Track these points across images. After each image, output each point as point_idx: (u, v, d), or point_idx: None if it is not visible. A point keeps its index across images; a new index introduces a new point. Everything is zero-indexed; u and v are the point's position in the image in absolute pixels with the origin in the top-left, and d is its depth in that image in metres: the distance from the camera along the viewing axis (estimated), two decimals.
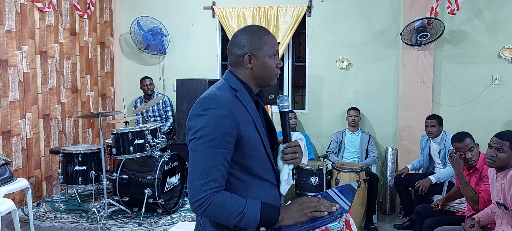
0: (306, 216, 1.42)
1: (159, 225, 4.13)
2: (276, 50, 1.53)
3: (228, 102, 1.40)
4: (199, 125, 1.38)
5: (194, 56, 5.80)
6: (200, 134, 1.37)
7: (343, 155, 4.85)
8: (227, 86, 1.49)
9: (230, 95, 1.45)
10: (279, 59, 1.57)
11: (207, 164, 1.35)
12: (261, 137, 1.49)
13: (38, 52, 4.78)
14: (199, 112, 1.39)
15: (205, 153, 1.36)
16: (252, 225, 1.38)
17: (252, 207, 1.38)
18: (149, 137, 4.36)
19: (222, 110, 1.38)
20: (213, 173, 1.35)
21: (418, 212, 3.55)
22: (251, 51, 1.50)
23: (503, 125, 4.76)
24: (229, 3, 5.50)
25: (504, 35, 4.72)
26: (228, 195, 1.38)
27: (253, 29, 1.54)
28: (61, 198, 4.94)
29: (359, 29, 5.19)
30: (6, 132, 4.35)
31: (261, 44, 1.51)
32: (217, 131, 1.36)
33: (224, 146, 1.37)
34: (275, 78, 1.56)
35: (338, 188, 1.59)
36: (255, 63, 1.51)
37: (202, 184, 1.34)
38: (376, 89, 5.20)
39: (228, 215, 1.36)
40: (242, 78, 1.53)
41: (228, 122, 1.37)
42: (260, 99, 1.62)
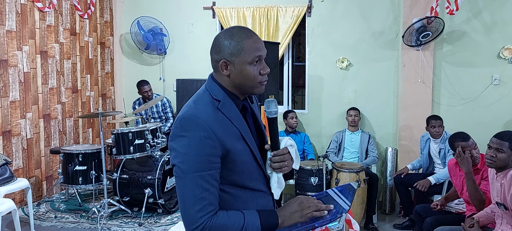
0: (306, 217, 1.40)
1: (159, 225, 4.14)
2: (257, 55, 1.38)
3: (207, 121, 1.32)
4: (180, 149, 1.32)
5: (194, 56, 5.80)
6: (183, 159, 1.31)
7: (343, 155, 4.85)
8: (209, 98, 1.40)
9: (210, 110, 1.36)
10: (264, 65, 1.41)
11: (198, 189, 1.30)
12: (250, 147, 1.42)
13: (39, 52, 4.78)
14: (178, 133, 1.33)
15: (193, 179, 1.30)
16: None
17: (252, 219, 1.36)
18: (149, 136, 4.36)
19: (201, 131, 1.30)
20: (207, 197, 1.30)
21: (417, 212, 3.55)
22: (227, 57, 1.37)
23: (503, 125, 4.76)
24: (229, 3, 5.50)
25: (503, 35, 4.73)
26: (225, 214, 1.34)
27: (232, 32, 1.40)
28: (61, 198, 4.95)
29: (359, 29, 5.19)
30: (7, 131, 4.36)
31: (238, 49, 1.36)
32: (200, 154, 1.30)
33: (211, 167, 1.32)
34: (260, 86, 1.42)
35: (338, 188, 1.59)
36: (232, 71, 1.38)
37: (198, 211, 1.29)
38: (376, 89, 5.20)
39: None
40: (224, 86, 1.42)
41: (210, 142, 1.31)
42: (248, 103, 1.52)
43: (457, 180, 3.32)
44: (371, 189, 4.31)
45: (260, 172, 1.48)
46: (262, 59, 1.41)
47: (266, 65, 1.42)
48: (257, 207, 1.44)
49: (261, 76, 1.41)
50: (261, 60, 1.41)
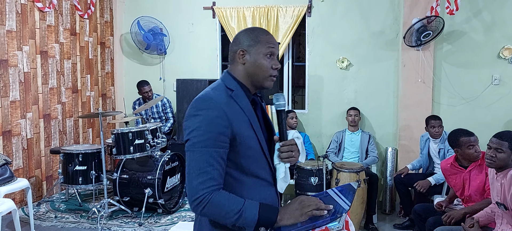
0: (306, 215, 1.43)
1: (159, 225, 4.14)
2: (271, 50, 1.52)
3: (221, 103, 1.42)
4: (193, 125, 1.40)
5: (194, 56, 5.80)
6: (194, 134, 1.39)
7: (343, 154, 4.85)
8: (223, 86, 1.50)
9: (224, 95, 1.46)
10: (276, 61, 1.55)
11: (203, 163, 1.37)
12: (257, 136, 1.49)
13: (39, 52, 4.78)
14: (193, 113, 1.42)
15: (201, 153, 1.38)
16: (250, 224, 1.39)
17: (251, 207, 1.39)
18: (149, 137, 4.36)
19: (214, 111, 1.40)
20: (210, 172, 1.37)
21: (416, 212, 3.55)
22: (244, 47, 1.53)
23: (503, 125, 4.77)
24: (229, 3, 5.51)
25: (503, 35, 4.73)
26: (226, 194, 1.39)
27: (252, 28, 1.57)
28: (61, 198, 4.95)
29: (359, 29, 5.19)
30: (7, 131, 4.36)
31: (255, 41, 1.52)
32: (211, 131, 1.38)
33: (219, 145, 1.39)
34: (270, 80, 1.54)
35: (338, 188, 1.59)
36: (247, 59, 1.52)
37: (200, 183, 1.36)
38: (376, 89, 5.20)
39: (226, 214, 1.37)
40: (237, 77, 1.54)
41: (221, 122, 1.39)
42: (258, 99, 1.62)
43: (456, 180, 3.30)
44: (371, 189, 4.31)
45: (266, 162, 1.53)
46: (274, 55, 1.54)
47: (277, 62, 1.56)
48: (260, 195, 1.49)
49: (272, 70, 1.53)
50: (273, 56, 1.54)
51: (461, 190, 3.27)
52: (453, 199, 3.47)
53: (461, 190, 3.27)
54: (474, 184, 3.15)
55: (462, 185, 3.25)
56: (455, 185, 3.32)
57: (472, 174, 3.19)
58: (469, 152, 3.15)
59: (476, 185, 3.14)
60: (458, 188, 3.29)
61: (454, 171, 3.31)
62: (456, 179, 3.30)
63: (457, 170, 3.28)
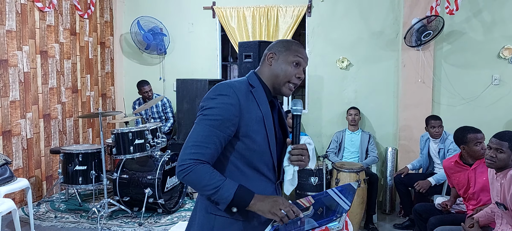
0: (271, 214, 1.46)
1: (159, 225, 4.14)
2: (299, 59, 1.61)
3: (238, 93, 1.51)
4: (207, 105, 1.51)
5: (194, 56, 5.80)
6: (206, 112, 1.50)
7: (343, 154, 4.85)
8: (246, 82, 1.60)
9: (244, 88, 1.56)
10: (301, 71, 1.63)
11: (202, 138, 1.47)
12: (267, 133, 1.56)
13: (39, 52, 4.78)
14: (211, 95, 1.52)
15: (203, 129, 1.48)
16: (224, 201, 1.48)
17: (229, 186, 1.47)
18: (149, 136, 4.36)
19: (231, 99, 1.49)
20: (204, 148, 1.47)
21: (417, 211, 3.55)
22: (275, 51, 1.64)
23: (503, 125, 4.77)
24: (229, 3, 5.51)
25: (503, 35, 4.73)
26: (210, 169, 1.48)
27: (289, 40, 1.71)
28: (61, 197, 4.95)
29: (359, 29, 5.19)
30: (7, 131, 4.36)
31: (285, 48, 1.63)
32: (221, 115, 1.48)
33: (223, 129, 1.48)
34: (288, 87, 1.62)
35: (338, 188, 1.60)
36: (274, 62, 1.62)
37: (191, 153, 1.46)
38: (376, 89, 5.20)
39: (204, 186, 1.47)
40: (261, 77, 1.64)
41: (233, 110, 1.49)
42: (277, 102, 1.71)
43: (460, 178, 3.28)
44: (371, 189, 4.31)
45: (270, 159, 1.59)
46: (300, 65, 1.63)
47: (302, 72, 1.65)
48: (258, 188, 1.55)
49: (294, 78, 1.62)
50: (299, 66, 1.63)
51: (465, 188, 3.26)
52: (456, 198, 3.47)
53: (465, 188, 3.26)
54: (480, 181, 3.14)
55: (466, 183, 3.24)
56: (459, 183, 3.30)
57: (477, 172, 3.18)
58: (475, 149, 3.15)
59: (482, 182, 3.13)
60: (462, 186, 3.27)
61: (458, 169, 3.29)
62: (460, 177, 3.28)
63: (461, 167, 3.27)
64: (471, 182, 3.20)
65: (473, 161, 3.21)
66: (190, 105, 5.18)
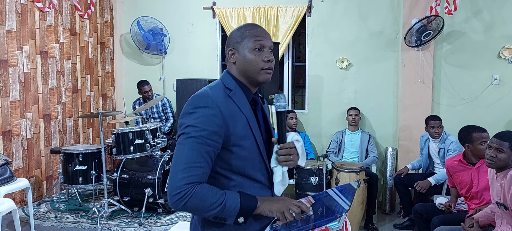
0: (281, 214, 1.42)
1: (159, 225, 4.14)
2: (259, 43, 1.48)
3: (217, 102, 1.41)
4: (187, 121, 1.39)
5: (194, 56, 5.80)
6: (188, 130, 1.38)
7: (343, 154, 4.86)
8: (222, 86, 1.50)
9: (222, 94, 1.45)
10: (267, 53, 1.50)
11: (191, 159, 1.36)
12: (255, 136, 1.48)
13: (39, 52, 4.78)
14: (189, 110, 1.41)
15: (191, 148, 1.36)
16: (232, 214, 1.39)
17: (232, 197, 1.40)
18: (149, 136, 4.36)
19: (211, 109, 1.39)
20: (196, 169, 1.36)
21: (417, 211, 3.55)
22: (232, 46, 1.52)
23: (504, 125, 4.77)
24: (229, 3, 5.51)
25: (503, 35, 4.73)
26: (208, 187, 1.38)
27: (240, 26, 1.55)
28: (61, 197, 4.95)
29: (359, 29, 5.19)
30: (7, 131, 4.36)
31: (242, 38, 1.49)
32: (205, 129, 1.37)
33: (210, 143, 1.38)
34: (263, 73, 1.49)
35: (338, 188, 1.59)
36: (237, 58, 1.50)
37: (183, 178, 1.34)
38: (376, 89, 5.20)
39: (209, 206, 1.36)
40: (235, 76, 1.53)
41: (216, 120, 1.39)
42: (258, 98, 1.60)
43: (463, 177, 3.27)
44: (371, 189, 4.31)
45: (262, 164, 1.52)
46: (264, 47, 1.49)
47: (269, 54, 1.50)
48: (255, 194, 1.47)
49: (264, 63, 1.48)
50: (263, 49, 1.49)
51: (468, 187, 3.26)
52: (457, 198, 3.47)
53: (467, 187, 3.26)
54: (483, 180, 3.14)
55: (469, 182, 3.24)
56: (461, 182, 3.30)
57: (481, 171, 3.18)
58: (480, 148, 3.15)
59: (486, 181, 3.12)
60: (465, 185, 3.27)
61: (461, 168, 3.29)
62: (463, 176, 3.28)
63: (465, 166, 3.27)
64: (474, 181, 3.21)
65: (477, 160, 3.21)
66: None
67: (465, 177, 3.27)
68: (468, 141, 3.21)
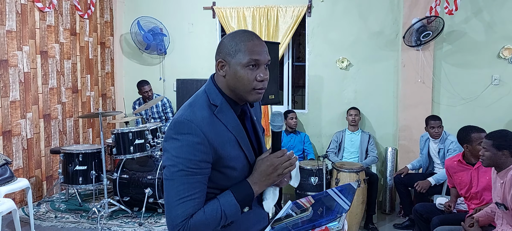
0: (279, 177, 1.37)
1: (159, 225, 4.14)
2: (253, 59, 1.32)
3: (202, 126, 1.29)
4: (172, 151, 1.29)
5: (194, 56, 5.80)
6: (174, 162, 1.28)
7: (343, 154, 4.86)
8: (206, 102, 1.36)
9: (206, 114, 1.33)
10: (263, 71, 1.35)
11: (183, 193, 1.28)
12: (246, 154, 1.39)
13: (39, 52, 4.79)
14: (172, 135, 1.31)
15: (181, 182, 1.28)
16: (237, 215, 1.34)
17: (227, 202, 1.33)
18: (149, 136, 4.37)
19: (195, 137, 1.28)
20: (191, 202, 1.28)
21: (417, 211, 3.55)
22: (223, 57, 1.36)
23: (503, 125, 4.77)
24: (229, 3, 5.51)
25: (503, 35, 4.73)
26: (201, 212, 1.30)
27: (235, 33, 1.38)
28: (61, 197, 4.95)
29: (359, 29, 5.19)
30: (7, 131, 4.36)
31: (235, 50, 1.34)
32: (191, 160, 1.27)
33: (200, 172, 1.29)
34: (255, 93, 1.35)
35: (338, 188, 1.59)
36: (227, 71, 1.35)
37: (179, 215, 1.27)
38: (376, 89, 5.20)
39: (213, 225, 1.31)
40: (222, 88, 1.39)
41: (202, 148, 1.28)
42: (248, 107, 1.48)
43: (462, 177, 3.28)
44: (371, 189, 4.31)
45: None
46: (260, 64, 1.35)
47: (265, 72, 1.36)
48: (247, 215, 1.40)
49: (256, 82, 1.34)
50: (258, 66, 1.35)
51: (467, 188, 3.26)
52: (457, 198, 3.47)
53: (467, 187, 3.26)
54: (483, 180, 3.15)
55: (469, 182, 3.24)
56: (461, 182, 3.30)
57: (480, 171, 3.18)
58: (479, 148, 3.13)
59: (485, 182, 3.13)
60: (464, 185, 3.28)
61: (461, 168, 3.30)
62: (462, 176, 3.28)
63: (464, 167, 3.27)
64: (474, 181, 3.21)
65: (476, 160, 3.21)
66: None
67: (464, 177, 3.27)
68: (467, 141, 3.21)
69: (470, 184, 3.23)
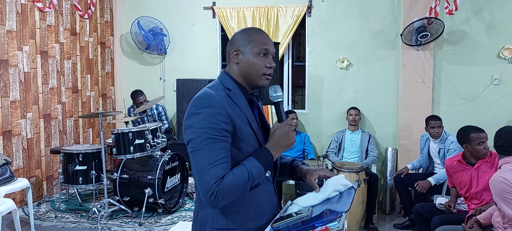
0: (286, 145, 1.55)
1: (159, 225, 4.14)
2: (264, 48, 1.54)
3: (221, 101, 1.45)
4: (196, 124, 1.42)
5: (194, 56, 5.81)
6: (199, 133, 1.41)
7: (343, 154, 4.86)
8: (221, 86, 1.54)
9: (223, 94, 1.49)
10: (270, 60, 1.56)
11: (213, 158, 1.39)
12: (255, 133, 1.53)
13: (39, 52, 4.79)
14: (194, 111, 1.44)
15: (209, 149, 1.40)
16: (261, 177, 1.49)
17: (254, 165, 1.46)
18: (149, 136, 4.36)
19: (215, 108, 1.42)
20: (221, 165, 1.40)
21: (417, 211, 3.55)
22: (237, 47, 1.55)
23: (504, 125, 4.75)
24: (229, 3, 5.51)
25: (503, 35, 4.73)
26: (230, 174, 1.42)
27: (247, 28, 1.60)
28: (61, 197, 4.95)
29: (359, 29, 5.19)
30: (7, 131, 4.36)
31: (248, 41, 1.54)
32: (215, 128, 1.41)
33: (224, 139, 1.42)
34: (264, 78, 1.56)
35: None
36: (241, 59, 1.55)
37: (211, 178, 1.38)
38: (376, 89, 5.20)
39: (242, 187, 1.43)
40: (234, 77, 1.56)
41: (223, 118, 1.42)
42: (255, 98, 1.65)
43: (462, 177, 3.27)
44: (371, 189, 4.31)
45: None
46: (268, 54, 1.56)
47: (272, 60, 1.57)
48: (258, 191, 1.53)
49: (266, 68, 1.55)
50: (267, 55, 1.55)
51: (467, 188, 3.26)
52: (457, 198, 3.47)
53: (467, 187, 3.26)
54: (483, 180, 3.14)
55: (468, 182, 3.24)
56: (461, 182, 3.30)
57: (480, 171, 3.18)
58: (478, 148, 3.15)
59: (485, 182, 3.12)
60: (464, 185, 3.27)
61: (460, 168, 3.29)
62: (462, 176, 3.28)
63: (464, 167, 3.27)
64: (474, 181, 3.20)
65: (476, 161, 3.21)
66: None
67: (464, 177, 3.27)
68: (466, 141, 3.21)
69: (470, 184, 3.23)
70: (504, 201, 2.52)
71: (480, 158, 3.18)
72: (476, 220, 2.80)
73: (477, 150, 3.16)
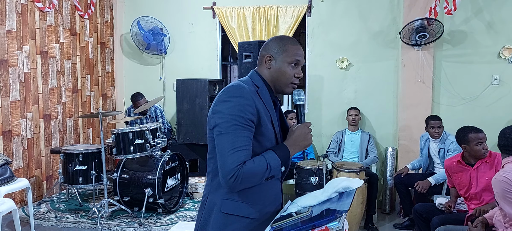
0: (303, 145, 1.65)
1: (159, 225, 4.14)
2: (296, 59, 1.64)
3: (251, 93, 1.55)
4: (225, 110, 1.51)
5: (194, 56, 5.81)
6: (228, 118, 1.50)
7: (343, 154, 4.86)
8: (251, 82, 1.63)
9: (253, 89, 1.60)
10: (299, 71, 1.66)
11: (236, 143, 1.48)
12: (276, 131, 1.63)
13: (39, 52, 4.79)
14: (225, 98, 1.54)
15: (234, 135, 1.49)
16: (278, 170, 1.57)
17: (271, 157, 1.55)
18: (149, 136, 4.37)
19: (245, 99, 1.52)
20: (243, 151, 1.49)
21: (417, 211, 3.55)
22: (272, 53, 1.66)
23: (504, 125, 4.75)
24: (229, 3, 5.51)
25: (503, 35, 4.73)
26: (251, 161, 1.50)
27: (282, 37, 1.70)
28: (61, 197, 4.95)
29: (359, 29, 5.20)
30: (7, 131, 4.36)
31: (282, 50, 1.64)
32: (242, 117, 1.50)
33: (249, 128, 1.51)
34: (290, 87, 1.67)
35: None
36: (273, 65, 1.65)
37: (234, 161, 1.47)
38: (376, 89, 5.20)
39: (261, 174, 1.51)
40: (264, 78, 1.67)
41: (251, 109, 1.52)
42: (277, 100, 1.76)
43: (462, 178, 3.27)
44: (371, 189, 4.31)
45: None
46: (299, 64, 1.67)
47: (301, 71, 1.68)
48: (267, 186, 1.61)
49: (294, 78, 1.67)
50: (298, 65, 1.67)
51: (467, 188, 3.26)
52: (457, 198, 3.47)
53: (466, 187, 3.26)
54: (483, 180, 3.14)
55: (468, 183, 3.24)
56: (460, 182, 3.30)
57: (480, 171, 3.18)
58: (477, 148, 3.15)
59: (485, 182, 3.12)
60: (464, 186, 3.27)
61: (460, 169, 3.29)
62: (462, 177, 3.28)
63: (463, 167, 3.27)
64: (473, 182, 3.20)
65: (475, 161, 3.21)
66: (190, 105, 5.18)
67: (464, 177, 3.27)
68: (465, 141, 3.21)
69: (469, 184, 3.23)
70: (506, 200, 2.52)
71: (479, 158, 3.18)
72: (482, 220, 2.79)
73: (475, 150, 3.15)
